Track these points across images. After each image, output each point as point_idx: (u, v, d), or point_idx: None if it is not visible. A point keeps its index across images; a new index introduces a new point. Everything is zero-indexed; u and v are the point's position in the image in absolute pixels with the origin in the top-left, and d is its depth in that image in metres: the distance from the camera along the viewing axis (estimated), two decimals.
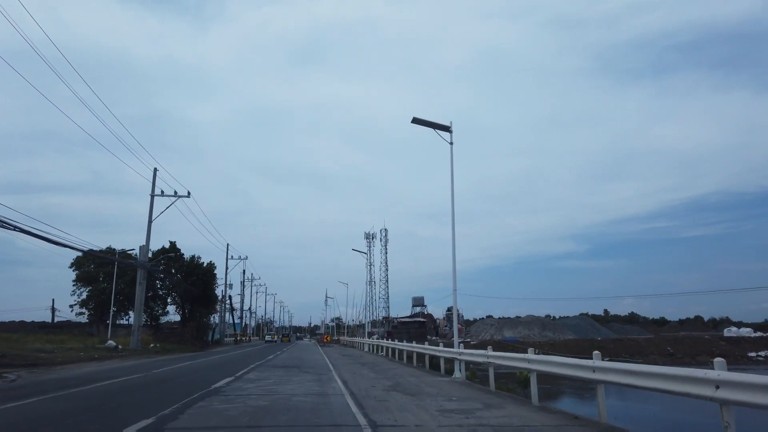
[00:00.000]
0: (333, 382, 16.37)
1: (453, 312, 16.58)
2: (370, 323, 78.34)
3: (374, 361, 28.57)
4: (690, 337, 56.19)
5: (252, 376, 18.12)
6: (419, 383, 16.06)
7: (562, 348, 52.50)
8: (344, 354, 38.79)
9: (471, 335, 63.50)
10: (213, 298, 64.31)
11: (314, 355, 35.47)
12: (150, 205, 44.29)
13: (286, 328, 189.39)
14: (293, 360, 29.40)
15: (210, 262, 63.16)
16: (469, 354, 17.00)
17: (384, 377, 18.17)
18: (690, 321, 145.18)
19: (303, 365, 24.62)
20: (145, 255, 43.86)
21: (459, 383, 16.38)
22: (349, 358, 33.01)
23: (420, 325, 65.74)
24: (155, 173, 45.05)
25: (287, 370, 21.07)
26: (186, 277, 59.97)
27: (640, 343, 54.28)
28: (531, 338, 56.50)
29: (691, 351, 52.71)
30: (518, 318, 63.91)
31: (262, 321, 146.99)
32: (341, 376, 18.63)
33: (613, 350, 52.45)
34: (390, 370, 21.62)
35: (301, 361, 27.97)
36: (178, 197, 45.50)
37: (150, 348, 44.93)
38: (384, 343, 35.66)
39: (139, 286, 42.89)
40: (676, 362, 50.57)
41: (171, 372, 20.51)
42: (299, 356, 33.87)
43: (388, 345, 33.21)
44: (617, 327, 72.75)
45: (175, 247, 61.45)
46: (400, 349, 28.43)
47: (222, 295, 77.39)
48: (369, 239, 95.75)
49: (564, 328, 61.21)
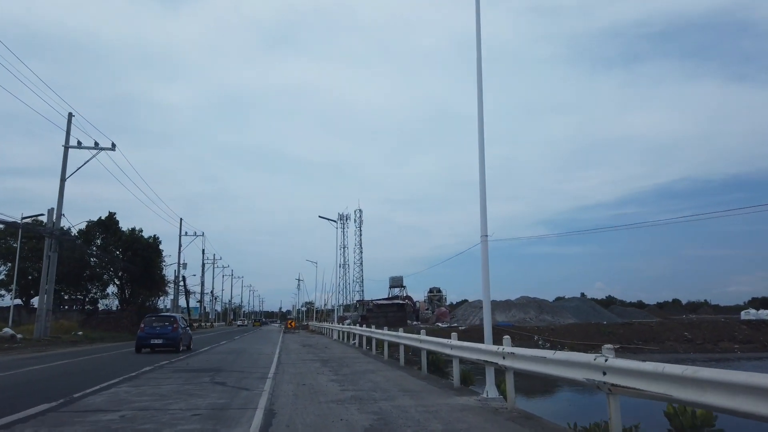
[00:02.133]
0: (248, 409, 8.12)
1: (482, 267, 8.44)
2: (342, 307, 70.09)
3: (342, 355, 20.36)
4: (706, 321, 49.30)
5: (121, 391, 9.81)
6: (424, 419, 7.84)
7: (565, 334, 45.05)
8: (306, 343, 30.48)
9: (458, 319, 55.85)
10: (159, 278, 55.22)
11: (265, 347, 27.11)
12: (63, 158, 35.12)
13: (257, 314, 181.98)
14: (226, 355, 20.94)
15: (154, 236, 54.09)
16: (519, 359, 8.89)
17: (354, 396, 9.90)
18: (669, 305, 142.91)
19: (230, 366, 16.21)
20: (57, 220, 34.69)
21: (507, 419, 8.19)
22: (310, 349, 24.75)
23: (399, 308, 57.81)
24: (70, 119, 35.81)
25: (193, 377, 12.71)
26: (124, 252, 50.88)
27: (653, 328, 47.16)
28: (528, 323, 49.01)
29: (711, 336, 45.73)
30: (510, 300, 56.24)
31: (228, 306, 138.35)
32: (276, 391, 10.36)
33: (623, 336, 45.30)
34: (364, 376, 13.41)
35: (236, 358, 19.54)
36: (99, 149, 36.38)
37: (69, 337, 36.31)
38: (356, 330, 27.39)
39: (47, 260, 33.91)
40: (698, 349, 43.63)
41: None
42: (241, 348, 25.45)
43: (362, 333, 24.99)
44: (619, 310, 65.92)
45: (113, 219, 52.19)
46: (379, 338, 20.24)
47: (175, 275, 68.33)
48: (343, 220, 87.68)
49: (563, 311, 53.92)
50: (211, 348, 25.89)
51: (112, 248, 51.39)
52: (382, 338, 19.21)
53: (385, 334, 18.68)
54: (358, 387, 11.17)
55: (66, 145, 35.48)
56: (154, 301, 58.72)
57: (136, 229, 53.16)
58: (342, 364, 16.66)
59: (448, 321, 56.04)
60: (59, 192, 34.76)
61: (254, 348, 26.07)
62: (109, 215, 51.86)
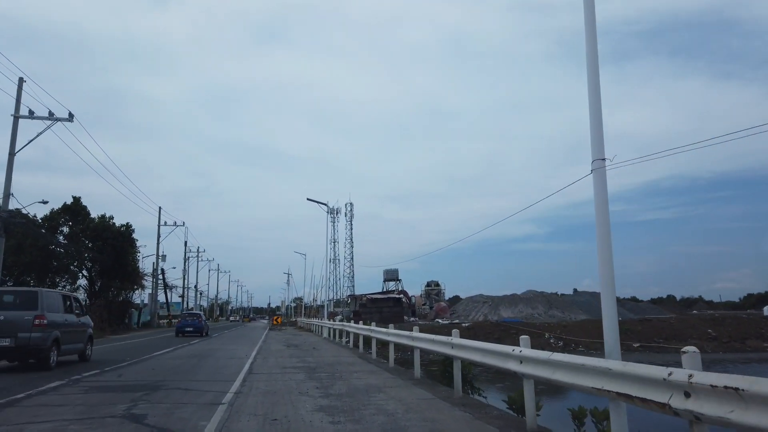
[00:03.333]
0: None
1: (597, 208, 3.37)
2: (332, 302, 65.52)
3: (334, 360, 15.89)
4: (729, 318, 45.40)
5: None
6: None
7: (579, 331, 40.88)
8: (291, 343, 25.95)
9: (459, 315, 51.55)
10: (132, 270, 50.35)
11: (240, 347, 22.58)
12: (12, 130, 30.31)
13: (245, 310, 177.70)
14: (186, 360, 16.37)
15: (126, 224, 49.19)
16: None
17: None
18: (663, 301, 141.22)
19: (179, 378, 11.69)
20: (5, 199, 29.91)
21: None
22: (294, 351, 20.25)
23: (396, 302, 53.16)
24: (20, 85, 30.96)
25: (105, 404, 8.21)
26: (93, 241, 46.05)
27: (673, 325, 43.10)
28: (536, 318, 44.79)
29: (736, 334, 41.74)
30: (516, 295, 51.99)
31: (214, 301, 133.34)
32: None
33: (642, 333, 41.20)
34: (368, 398, 8.95)
35: (197, 363, 14.97)
36: (55, 120, 31.58)
37: None
38: (351, 328, 22.84)
39: None
40: (726, 348, 39.66)
41: None
42: (211, 350, 20.90)
43: (358, 331, 20.48)
44: (631, 305, 61.85)
45: (80, 204, 47.27)
46: (381, 339, 15.80)
47: (154, 268, 63.50)
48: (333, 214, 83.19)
49: (573, 306, 49.72)
50: (174, 349, 21.31)
51: (81, 237, 46.56)
52: (386, 339, 14.75)
53: (391, 333, 14.19)
54: (363, 426, 6.75)
55: (16, 115, 30.71)
56: (128, 295, 53.85)
57: (107, 216, 48.31)
58: (334, 375, 12.21)
59: (448, 317, 51.71)
60: (8, 167, 29.96)
61: (227, 349, 21.53)
62: (74, 200, 46.91)
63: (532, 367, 6.26)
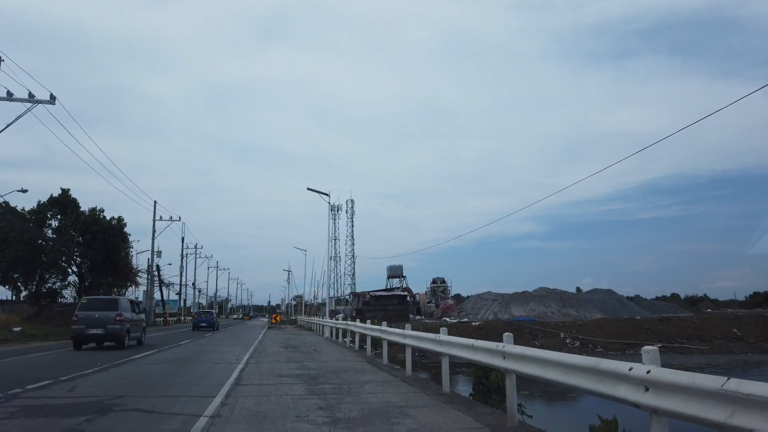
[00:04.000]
0: None
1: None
2: (333, 300, 63.15)
3: (338, 367, 13.47)
4: (753, 317, 42.96)
5: None
6: None
7: (595, 331, 38.47)
8: (290, 344, 23.51)
9: (467, 313, 49.12)
10: (123, 265, 47.92)
11: (232, 349, 20.18)
12: None
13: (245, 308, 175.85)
14: (164, 366, 13.93)
15: (118, 217, 46.78)
16: None
17: None
18: (668, 299, 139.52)
19: (148, 392, 9.26)
20: None
21: None
22: (293, 354, 17.83)
23: (400, 300, 50.61)
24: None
25: None
26: (82, 235, 43.69)
27: (695, 324, 40.65)
28: (549, 317, 42.37)
29: (763, 334, 39.32)
30: (527, 292, 49.55)
31: (214, 299, 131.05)
32: None
33: (663, 333, 38.81)
34: (389, 425, 6.51)
35: (176, 370, 12.53)
36: (35, 102, 29.26)
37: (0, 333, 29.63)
38: (358, 328, 20.33)
39: None
40: (754, 348, 37.27)
41: None
42: (197, 353, 18.48)
43: (365, 331, 18.02)
44: (646, 303, 59.40)
45: (69, 197, 44.88)
46: (395, 342, 13.36)
47: (149, 264, 61.05)
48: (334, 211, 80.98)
49: (587, 305, 47.26)
50: (157, 351, 18.90)
51: (71, 231, 44.19)
52: (402, 342, 12.30)
53: (409, 335, 11.69)
54: None
55: None
56: (121, 293, 51.40)
57: (97, 209, 45.92)
58: (341, 388, 9.78)
59: (456, 315, 49.31)
60: None
61: (216, 351, 19.12)
62: (63, 192, 44.58)
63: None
